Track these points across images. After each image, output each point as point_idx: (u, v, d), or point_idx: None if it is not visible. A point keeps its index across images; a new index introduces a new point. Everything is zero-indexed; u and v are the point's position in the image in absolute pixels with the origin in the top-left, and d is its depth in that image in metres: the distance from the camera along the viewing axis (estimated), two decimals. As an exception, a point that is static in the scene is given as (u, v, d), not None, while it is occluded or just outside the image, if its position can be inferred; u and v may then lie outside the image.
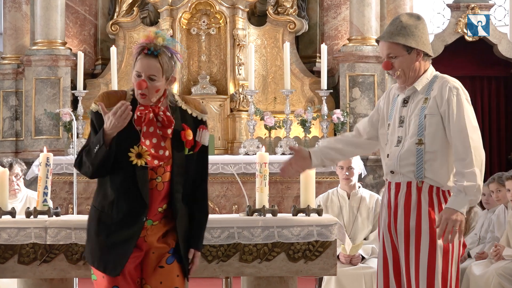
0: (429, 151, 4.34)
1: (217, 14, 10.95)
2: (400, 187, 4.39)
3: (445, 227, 4.22)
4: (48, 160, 5.02)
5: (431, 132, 4.34)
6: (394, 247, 4.42)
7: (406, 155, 4.36)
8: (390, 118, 4.51)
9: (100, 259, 4.19)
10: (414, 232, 4.33)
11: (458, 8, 11.52)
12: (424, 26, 4.46)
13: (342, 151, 4.70)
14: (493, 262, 7.14)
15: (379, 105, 4.66)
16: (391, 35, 4.40)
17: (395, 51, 4.40)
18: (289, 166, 4.65)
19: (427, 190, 4.34)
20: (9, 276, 4.98)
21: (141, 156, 4.13)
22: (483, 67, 11.77)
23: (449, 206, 4.27)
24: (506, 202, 7.40)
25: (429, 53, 4.46)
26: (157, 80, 4.11)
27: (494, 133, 11.79)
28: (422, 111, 4.37)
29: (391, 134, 4.47)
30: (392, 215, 4.41)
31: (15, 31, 11.26)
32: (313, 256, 4.97)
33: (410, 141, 4.37)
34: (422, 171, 4.32)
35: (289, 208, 7.58)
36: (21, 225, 4.92)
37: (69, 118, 10.17)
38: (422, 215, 4.33)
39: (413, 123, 4.37)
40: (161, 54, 4.12)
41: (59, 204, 9.75)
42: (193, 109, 4.26)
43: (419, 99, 4.41)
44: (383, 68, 4.47)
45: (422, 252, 4.31)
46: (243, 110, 10.65)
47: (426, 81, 4.43)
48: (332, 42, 11.43)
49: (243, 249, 4.96)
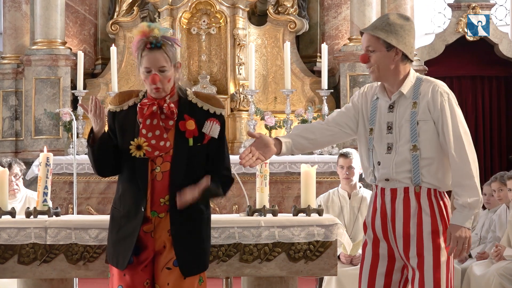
0: (425, 158, 4.29)
1: (217, 13, 10.94)
2: (396, 193, 4.32)
3: (456, 245, 4.23)
4: (48, 160, 5.01)
5: (426, 138, 4.29)
6: (391, 250, 4.36)
7: (401, 163, 4.29)
8: (371, 123, 4.41)
9: (113, 254, 4.26)
10: (415, 236, 4.28)
11: (459, 7, 11.51)
12: (411, 28, 4.38)
13: (315, 141, 4.52)
14: (494, 262, 7.13)
15: (354, 102, 4.53)
16: (374, 28, 4.35)
17: (374, 45, 4.35)
18: (249, 154, 4.34)
19: (426, 194, 4.30)
20: (9, 276, 4.97)
21: (140, 147, 4.17)
22: (484, 66, 11.76)
23: (455, 223, 4.24)
24: (507, 201, 7.40)
25: (409, 56, 4.37)
26: (168, 70, 4.20)
27: (495, 132, 11.79)
28: (413, 116, 4.30)
29: (377, 140, 4.37)
30: (389, 221, 4.33)
31: (14, 30, 11.24)
32: (314, 256, 4.96)
33: (403, 148, 4.30)
34: (419, 177, 4.28)
35: (290, 208, 7.57)
36: (21, 225, 4.92)
37: (69, 118, 10.16)
38: (423, 220, 4.28)
39: (405, 129, 4.31)
40: (164, 44, 4.18)
41: (59, 204, 9.73)
42: (204, 103, 4.28)
43: (407, 103, 4.33)
44: (360, 60, 4.41)
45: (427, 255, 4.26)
46: (244, 110, 10.64)
47: (410, 84, 4.37)
48: (333, 42, 11.42)
49: (244, 249, 4.95)
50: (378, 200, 4.39)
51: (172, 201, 4.18)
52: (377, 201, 4.40)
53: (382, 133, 4.37)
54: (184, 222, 4.21)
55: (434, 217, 4.29)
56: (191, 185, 4.16)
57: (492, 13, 11.76)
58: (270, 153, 4.41)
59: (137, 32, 4.23)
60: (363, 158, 4.49)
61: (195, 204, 4.19)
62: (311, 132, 4.53)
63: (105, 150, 4.24)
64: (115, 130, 4.28)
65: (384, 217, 4.36)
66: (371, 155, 4.41)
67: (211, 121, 4.24)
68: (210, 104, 4.28)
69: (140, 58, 4.19)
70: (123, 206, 4.24)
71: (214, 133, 4.26)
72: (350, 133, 4.53)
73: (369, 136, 4.42)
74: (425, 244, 4.28)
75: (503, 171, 8.14)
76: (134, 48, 4.22)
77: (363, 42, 4.41)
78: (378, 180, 4.38)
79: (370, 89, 4.53)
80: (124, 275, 4.22)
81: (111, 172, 4.34)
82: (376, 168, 4.38)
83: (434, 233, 4.28)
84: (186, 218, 4.21)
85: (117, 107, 4.29)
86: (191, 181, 4.18)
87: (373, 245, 4.40)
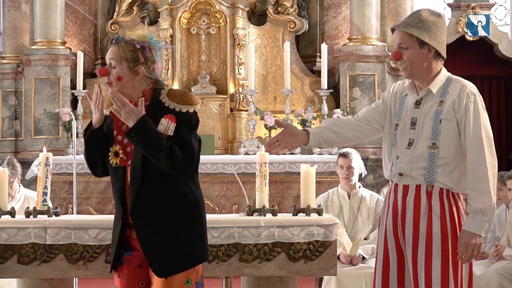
0: (442, 157, 4.25)
1: (217, 13, 10.94)
2: (408, 190, 4.30)
3: (465, 251, 4.20)
4: (48, 160, 5.01)
5: (446, 138, 4.25)
6: (400, 249, 4.34)
7: (417, 158, 4.26)
8: (398, 119, 4.40)
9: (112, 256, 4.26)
10: (424, 237, 4.25)
11: (459, 7, 11.51)
12: (443, 25, 4.36)
13: (343, 135, 4.48)
14: (494, 262, 7.13)
15: (384, 98, 4.52)
16: (407, 25, 4.31)
17: (407, 42, 4.31)
18: (276, 143, 4.35)
19: (438, 193, 4.26)
20: (9, 276, 4.96)
21: (118, 154, 4.15)
22: (484, 66, 11.76)
23: (468, 229, 4.20)
24: (507, 201, 7.40)
25: (442, 53, 4.37)
26: (116, 68, 4.12)
27: (495, 132, 11.75)
28: (437, 115, 4.27)
29: (400, 136, 4.35)
30: (399, 218, 4.31)
31: (14, 30, 11.24)
32: (313, 256, 4.96)
33: (423, 144, 4.27)
34: (433, 175, 4.24)
35: (289, 208, 7.56)
36: (20, 225, 4.91)
37: (69, 118, 10.16)
38: (433, 220, 4.24)
39: (427, 126, 4.28)
40: (125, 43, 4.12)
41: (59, 204, 9.73)
42: (170, 101, 4.13)
43: (434, 101, 4.31)
44: (392, 58, 4.36)
45: (435, 257, 4.23)
46: (243, 110, 10.64)
47: (440, 83, 4.34)
48: (332, 42, 11.41)
49: (243, 249, 4.94)
50: (392, 196, 4.38)
51: (133, 206, 4.09)
52: (390, 196, 4.39)
53: (406, 128, 4.35)
54: (147, 221, 4.10)
55: (444, 219, 4.25)
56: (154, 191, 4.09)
57: (491, 13, 11.75)
58: (297, 142, 4.39)
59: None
60: (385, 154, 4.47)
61: (160, 202, 4.09)
62: (339, 126, 4.50)
63: (95, 145, 4.18)
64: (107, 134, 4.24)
65: (395, 213, 4.34)
66: (393, 151, 4.39)
67: (166, 118, 4.09)
68: (176, 102, 4.11)
69: None
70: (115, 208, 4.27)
71: (165, 129, 4.09)
72: (379, 128, 4.50)
73: (394, 131, 4.40)
74: (433, 246, 4.25)
75: (503, 171, 8.14)
76: None
77: (395, 39, 4.36)
78: (393, 174, 4.35)
79: (401, 86, 4.51)
80: (118, 276, 4.23)
81: (102, 172, 4.28)
82: (394, 163, 4.36)
83: (442, 236, 4.25)
84: (150, 218, 4.10)
85: (107, 110, 4.27)
86: (155, 182, 4.09)
87: (384, 241, 4.39)
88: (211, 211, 9.91)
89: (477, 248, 4.21)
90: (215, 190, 9.96)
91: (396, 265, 4.36)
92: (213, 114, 10.64)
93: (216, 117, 10.67)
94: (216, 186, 10.00)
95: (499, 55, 11.64)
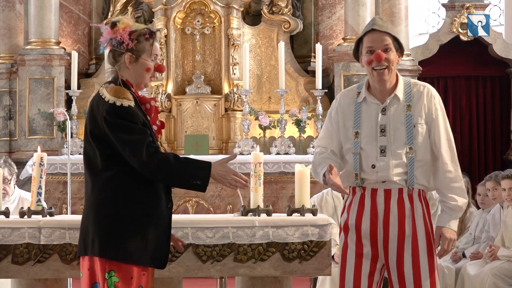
0: (420, 160, 4.33)
1: (212, 13, 10.93)
2: (390, 194, 4.34)
3: (446, 246, 4.37)
4: (42, 160, 5.00)
5: (421, 141, 4.33)
6: (375, 251, 4.37)
7: (398, 165, 4.32)
8: (357, 127, 4.38)
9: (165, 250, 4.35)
10: (410, 238, 4.32)
11: (453, 7, 11.53)
12: None
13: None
14: (488, 262, 7.14)
15: (332, 118, 4.49)
16: (387, 29, 4.38)
17: (390, 45, 4.36)
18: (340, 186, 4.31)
19: (417, 195, 4.36)
20: (3, 276, 4.96)
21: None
22: (478, 66, 11.77)
23: (446, 226, 4.38)
24: (502, 201, 7.41)
25: (399, 60, 4.47)
26: None
27: (489, 132, 11.79)
28: (409, 119, 4.32)
29: (368, 143, 4.35)
30: (381, 222, 4.34)
31: (8, 30, 11.22)
32: (308, 256, 4.96)
33: (399, 150, 4.32)
34: (413, 179, 4.32)
35: (284, 208, 7.57)
36: (15, 225, 4.91)
37: (63, 118, 10.16)
38: (416, 221, 4.33)
39: (400, 132, 4.32)
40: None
41: (53, 204, 9.72)
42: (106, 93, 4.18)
43: (400, 106, 4.35)
44: (376, 59, 4.30)
45: (422, 256, 4.31)
46: (238, 110, 10.64)
47: (402, 88, 4.39)
48: (327, 42, 11.41)
49: (238, 249, 4.94)
50: (367, 202, 4.38)
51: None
52: (365, 202, 4.39)
53: (374, 135, 4.36)
54: None
55: (425, 218, 4.36)
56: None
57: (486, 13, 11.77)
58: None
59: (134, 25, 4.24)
60: (348, 164, 4.44)
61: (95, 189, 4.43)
62: (333, 160, 4.44)
63: None
64: None
65: (374, 218, 4.36)
66: (357, 159, 4.38)
67: None
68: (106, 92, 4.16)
69: (151, 46, 4.25)
70: None
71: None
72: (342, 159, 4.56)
73: (355, 139, 4.39)
74: (420, 245, 4.32)
75: (497, 171, 8.15)
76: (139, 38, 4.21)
77: (377, 40, 4.35)
78: (369, 182, 4.37)
79: (347, 95, 4.49)
80: (143, 274, 4.15)
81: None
82: (367, 172, 4.36)
83: (426, 234, 4.35)
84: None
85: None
86: (98, 179, 4.45)
87: (356, 246, 4.40)
88: (206, 211, 9.91)
89: (452, 243, 4.39)
90: (210, 190, 9.95)
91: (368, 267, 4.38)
92: (208, 114, 10.64)
93: (210, 117, 10.67)
94: (211, 186, 9.85)
95: (494, 55, 11.65)
